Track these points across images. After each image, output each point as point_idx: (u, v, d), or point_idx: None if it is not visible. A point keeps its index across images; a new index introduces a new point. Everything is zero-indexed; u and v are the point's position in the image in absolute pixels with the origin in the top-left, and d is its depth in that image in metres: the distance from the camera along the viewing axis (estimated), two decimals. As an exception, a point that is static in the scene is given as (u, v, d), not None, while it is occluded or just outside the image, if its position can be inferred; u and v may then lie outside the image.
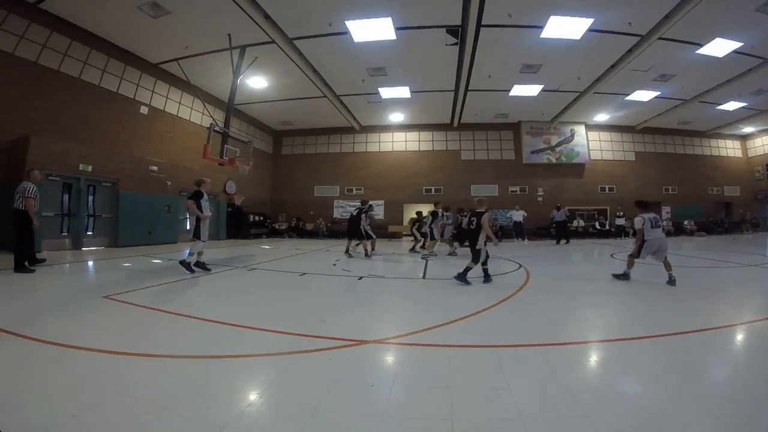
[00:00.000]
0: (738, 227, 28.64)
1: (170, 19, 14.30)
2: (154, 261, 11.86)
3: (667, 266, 8.38)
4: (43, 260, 9.96)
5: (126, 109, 17.11)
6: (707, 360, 4.06)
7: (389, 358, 4.04)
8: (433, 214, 14.92)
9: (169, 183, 18.19)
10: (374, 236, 13.99)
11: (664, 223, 26.57)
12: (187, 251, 9.99)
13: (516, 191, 28.51)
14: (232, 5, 13.18)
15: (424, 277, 9.89)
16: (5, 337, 4.15)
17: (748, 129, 29.86)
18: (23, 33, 13.25)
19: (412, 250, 15.85)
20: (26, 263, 8.92)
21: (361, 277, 9.26)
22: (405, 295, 7.66)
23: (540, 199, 28.43)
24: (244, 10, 13.44)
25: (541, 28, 15.01)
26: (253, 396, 3.05)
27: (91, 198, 15.16)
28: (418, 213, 16.76)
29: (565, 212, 22.04)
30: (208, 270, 9.47)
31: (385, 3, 13.58)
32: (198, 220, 9.54)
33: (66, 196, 14.27)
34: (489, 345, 4.36)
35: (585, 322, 5.69)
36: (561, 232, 22.04)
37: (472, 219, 8.73)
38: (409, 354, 4.16)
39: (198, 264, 9.56)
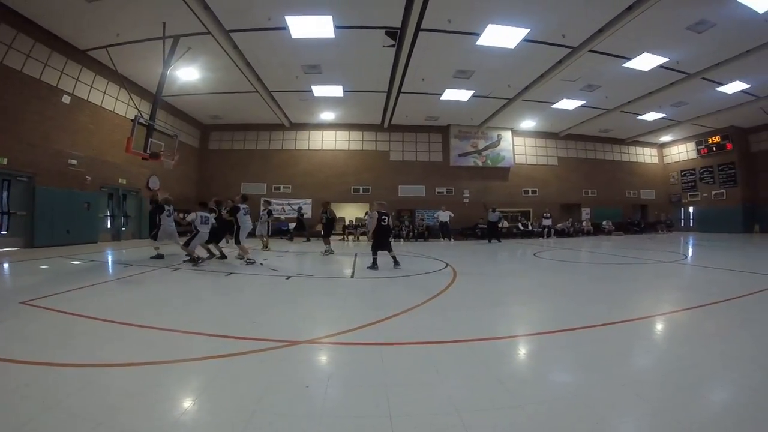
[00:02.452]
0: (653, 228, 31.10)
1: (104, 4, 13.43)
2: (74, 262, 11.23)
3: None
4: None
5: (47, 98, 15.68)
6: (631, 349, 4.36)
7: (322, 358, 4.07)
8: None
9: (89, 178, 17.25)
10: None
11: (584, 223, 28.31)
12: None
13: (443, 192, 29.12)
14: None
15: (352, 276, 9.94)
16: None
17: (665, 138, 32.62)
18: None
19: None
20: None
21: (289, 277, 9.23)
22: (335, 294, 7.67)
23: (466, 200, 29.25)
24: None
25: (478, 35, 15.32)
26: (187, 403, 2.96)
27: (5, 194, 14.06)
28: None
29: (498, 214, 23.00)
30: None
31: (327, 1, 13.46)
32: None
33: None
34: (420, 342, 4.44)
35: (512, 317, 5.99)
36: (493, 232, 22.89)
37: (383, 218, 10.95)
38: (342, 353, 4.20)
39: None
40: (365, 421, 2.68)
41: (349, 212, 29.14)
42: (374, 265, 10.33)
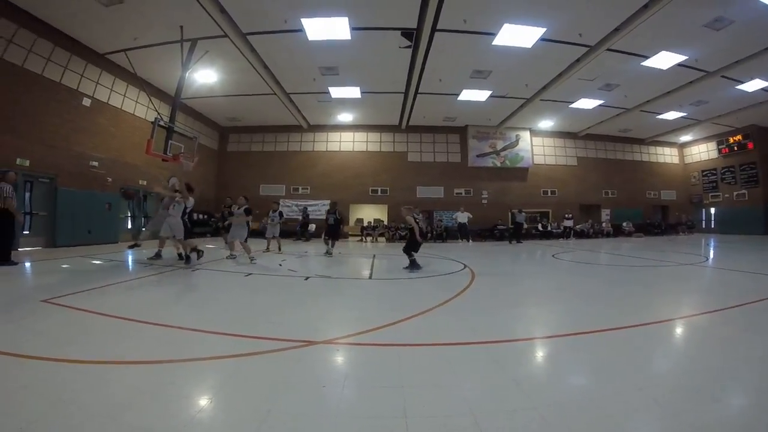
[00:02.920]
0: (674, 229, 30.43)
1: (122, 8, 13.66)
2: (94, 262, 11.36)
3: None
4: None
5: (68, 101, 15.97)
6: (649, 353, 4.27)
7: (339, 359, 4.05)
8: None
9: (110, 179, 17.51)
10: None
11: (604, 224, 27.95)
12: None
13: (461, 193, 28.92)
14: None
15: (370, 277, 9.96)
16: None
17: (685, 137, 31.94)
18: None
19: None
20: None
21: (307, 278, 9.22)
22: (352, 295, 7.70)
23: (484, 201, 29.07)
24: (199, 2, 13.02)
25: (494, 35, 15.27)
26: (203, 401, 2.97)
27: (27, 195, 14.31)
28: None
29: (524, 216, 23.54)
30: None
31: (342, 2, 13.49)
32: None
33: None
34: (437, 343, 4.41)
35: (529, 319, 5.93)
36: (517, 233, 23.28)
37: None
38: (358, 354, 4.18)
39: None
40: (381, 422, 2.68)
41: (368, 213, 29.39)
42: (415, 266, 10.34)
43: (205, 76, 19.42)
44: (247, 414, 2.75)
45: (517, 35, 15.22)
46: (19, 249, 13.20)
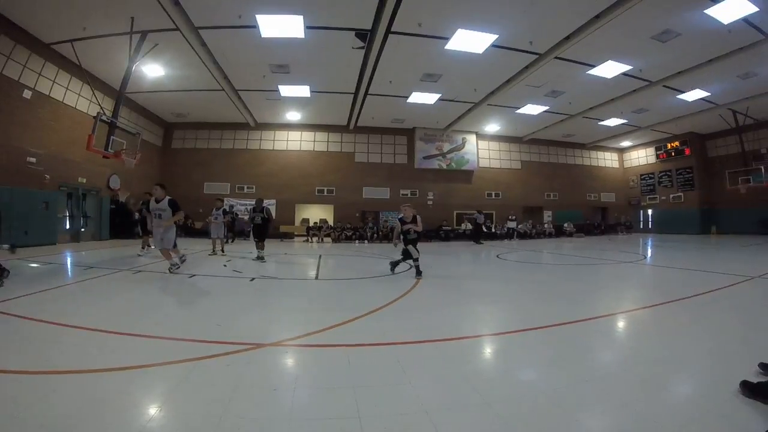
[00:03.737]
0: (613, 229, 32.31)
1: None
2: (32, 265, 10.84)
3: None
4: None
5: (8, 93, 15.07)
6: (596, 346, 4.55)
7: (289, 361, 4.10)
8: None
9: (48, 177, 16.74)
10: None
11: (546, 225, 29.12)
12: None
13: (407, 194, 29.21)
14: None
15: (317, 278, 10.01)
16: None
17: (625, 143, 33.92)
18: None
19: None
20: None
21: (253, 279, 9.19)
22: (299, 296, 7.67)
23: (430, 202, 29.72)
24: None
25: (447, 39, 15.49)
26: (153, 410, 2.91)
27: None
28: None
29: (482, 217, 24.53)
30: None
31: (299, 1, 13.38)
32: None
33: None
34: (386, 342, 4.49)
35: (477, 317, 6.15)
36: (478, 233, 24.12)
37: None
38: (308, 355, 4.23)
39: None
40: (335, 423, 2.70)
41: (314, 213, 29.42)
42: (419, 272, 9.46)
43: (152, 70, 18.85)
44: (199, 420, 2.74)
45: (470, 41, 15.50)
46: None
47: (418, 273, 9.35)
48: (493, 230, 27.95)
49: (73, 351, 4.10)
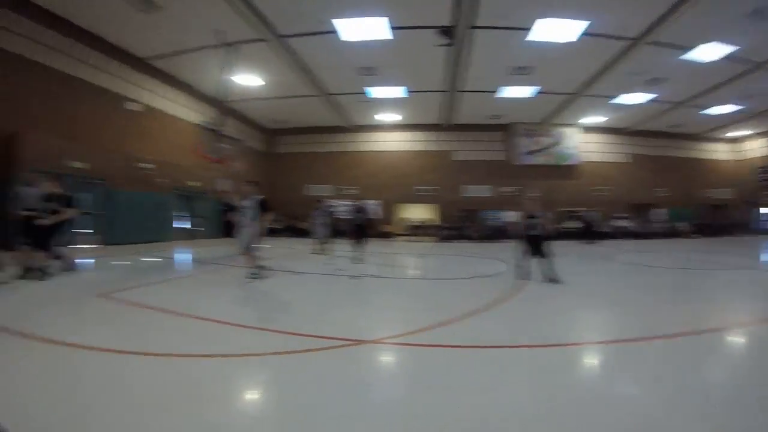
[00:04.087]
0: (730, 229, 28.83)
1: (160, 15, 14.11)
2: (147, 259, 11.86)
3: None
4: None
5: (117, 107, 16.80)
6: (708, 362, 4.01)
7: (386, 358, 4.06)
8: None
9: (162, 180, 18.16)
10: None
11: (658, 224, 26.78)
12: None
13: (508, 192, 28.24)
14: (223, 1, 13.09)
15: (417, 278, 10.09)
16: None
17: (739, 132, 30.24)
18: (9, 25, 12.92)
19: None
20: None
21: (354, 277, 9.17)
22: (399, 295, 7.67)
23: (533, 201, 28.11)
24: (235, 6, 13.32)
25: (533, 30, 14.96)
26: (250, 395, 3.06)
27: (85, 196, 14.94)
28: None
29: (595, 215, 23.25)
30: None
31: (379, 2, 13.52)
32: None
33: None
34: (484, 345, 4.35)
35: (584, 323, 5.74)
36: (590, 232, 23.14)
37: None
38: (405, 354, 4.15)
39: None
40: (424, 423, 2.65)
41: (415, 213, 29.34)
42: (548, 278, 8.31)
43: (247, 80, 19.83)
44: (291, 409, 2.81)
45: (558, 30, 14.87)
46: (76, 246, 13.81)
47: (554, 279, 8.20)
48: (601, 229, 26.11)
49: (181, 337, 4.47)
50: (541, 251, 8.36)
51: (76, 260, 9.10)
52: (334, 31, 15.05)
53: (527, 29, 14.99)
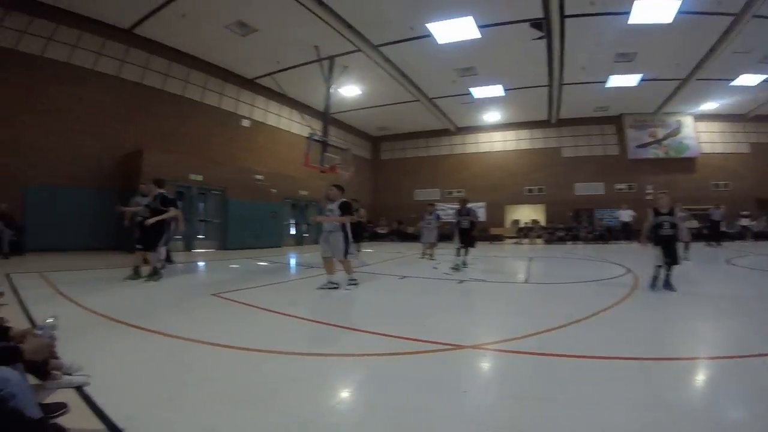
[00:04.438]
0: None
1: (258, 36, 15.31)
2: (260, 263, 12.77)
3: None
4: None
5: (228, 123, 18.75)
6: None
7: (484, 365, 4.01)
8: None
9: (275, 191, 19.44)
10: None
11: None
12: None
13: (623, 189, 26.77)
14: (313, 17, 13.78)
15: (525, 281, 9.90)
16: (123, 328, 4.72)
17: None
18: (124, 57, 15.10)
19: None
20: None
21: (461, 281, 9.12)
22: (505, 300, 7.61)
23: (649, 197, 25.14)
24: (325, 21, 14.02)
25: (627, 13, 14.16)
26: (344, 393, 3.21)
27: (201, 204, 16.77)
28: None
29: (721, 212, 19.78)
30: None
31: (463, 2, 13.57)
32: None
33: (179, 204, 15.75)
34: (587, 356, 4.06)
35: (694, 336, 5.11)
36: (715, 232, 20.01)
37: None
38: (504, 361, 4.03)
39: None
40: None
41: (524, 214, 28.65)
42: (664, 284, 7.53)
43: (349, 90, 20.76)
44: (384, 409, 2.87)
45: (654, 10, 13.92)
46: (194, 250, 15.73)
47: (667, 285, 7.45)
48: (723, 228, 22.20)
49: (283, 335, 4.79)
50: (673, 254, 7.57)
51: (198, 262, 10.03)
52: (428, 35, 15.34)
53: (620, 14, 14.28)
